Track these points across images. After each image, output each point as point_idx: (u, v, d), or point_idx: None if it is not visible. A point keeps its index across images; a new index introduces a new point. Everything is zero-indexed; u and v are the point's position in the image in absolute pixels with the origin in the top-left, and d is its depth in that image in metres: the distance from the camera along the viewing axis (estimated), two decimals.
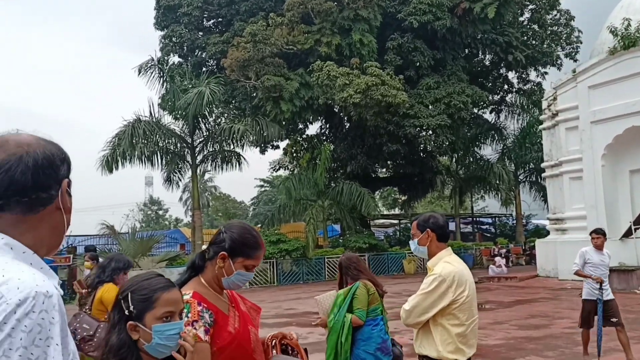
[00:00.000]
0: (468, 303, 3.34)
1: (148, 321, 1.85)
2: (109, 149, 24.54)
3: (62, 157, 1.39)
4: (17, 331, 1.15)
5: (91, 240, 25.39)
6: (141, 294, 1.88)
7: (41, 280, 1.24)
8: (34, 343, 1.16)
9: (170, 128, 26.02)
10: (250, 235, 2.40)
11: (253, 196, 66.63)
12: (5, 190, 1.29)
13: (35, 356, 1.15)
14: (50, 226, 1.37)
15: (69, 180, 1.40)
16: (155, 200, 69.01)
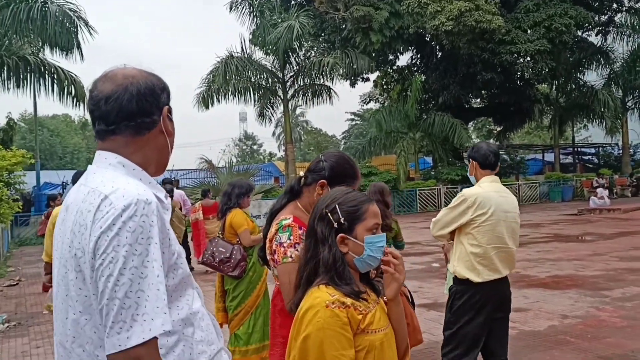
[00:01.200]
0: (489, 227, 3.47)
1: (359, 233, 1.83)
2: (204, 86, 25.39)
3: (161, 87, 1.59)
4: (123, 231, 1.36)
5: (191, 174, 26.76)
6: (350, 206, 1.85)
7: (142, 190, 1.44)
8: (137, 241, 1.37)
9: (262, 63, 26.38)
10: (348, 165, 2.52)
11: (344, 130, 66.89)
12: (116, 116, 1.51)
13: (139, 252, 1.36)
14: (155, 147, 1.59)
15: (169, 107, 1.59)
16: (249, 135, 71.02)
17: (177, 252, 1.51)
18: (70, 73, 19.91)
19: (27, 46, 19.91)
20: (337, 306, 1.71)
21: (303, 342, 1.71)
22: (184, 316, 1.51)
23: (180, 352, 1.47)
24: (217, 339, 1.64)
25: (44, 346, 6.59)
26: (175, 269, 1.51)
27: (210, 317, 1.66)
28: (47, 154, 48.18)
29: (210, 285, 9.45)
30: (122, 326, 1.32)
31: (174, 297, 1.49)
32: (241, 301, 5.30)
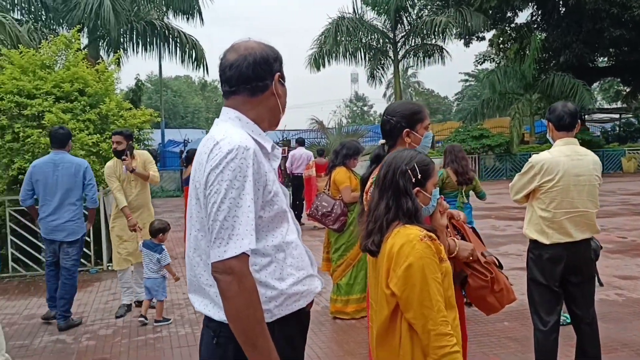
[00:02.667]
0: (557, 192, 3.48)
1: (428, 187, 2.26)
2: (316, 47, 25.74)
3: (274, 57, 1.96)
4: (226, 169, 1.73)
5: (302, 134, 27.44)
6: (424, 165, 2.26)
7: (245, 139, 1.80)
8: (236, 178, 1.72)
9: (373, 24, 26.21)
10: (410, 104, 2.82)
11: (457, 91, 64.95)
12: (236, 80, 1.90)
13: (237, 186, 1.71)
14: (267, 107, 1.96)
15: (280, 74, 1.95)
16: (360, 96, 71.00)
17: (274, 192, 1.85)
18: (191, 37, 21.04)
19: (153, 11, 21.21)
20: (428, 239, 2.09)
21: (406, 270, 2.05)
22: (277, 243, 1.86)
23: (272, 270, 1.84)
24: (309, 267, 1.98)
25: (169, 285, 7.38)
26: (271, 204, 1.85)
27: (305, 249, 2.01)
28: (170, 113, 51.26)
29: (318, 240, 9.93)
30: (221, 242, 1.70)
31: (270, 227, 1.85)
32: (343, 254, 5.65)
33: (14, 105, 8.09)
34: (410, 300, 2.05)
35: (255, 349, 1.71)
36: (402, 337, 2.11)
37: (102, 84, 8.99)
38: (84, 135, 8.16)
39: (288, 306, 1.87)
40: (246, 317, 1.70)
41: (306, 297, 1.94)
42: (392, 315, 2.13)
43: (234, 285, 1.68)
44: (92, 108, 8.73)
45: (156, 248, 5.76)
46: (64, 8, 17.27)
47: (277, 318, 1.84)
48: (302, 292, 1.91)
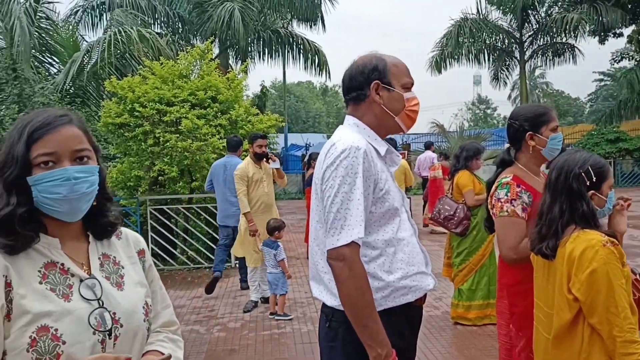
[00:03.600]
0: None
1: (604, 190, 2.26)
2: (437, 49, 25.38)
3: (373, 66, 2.10)
4: (340, 167, 1.94)
5: (423, 137, 27.16)
6: (599, 167, 2.24)
7: (357, 140, 1.99)
8: (348, 174, 1.92)
9: (498, 24, 25.36)
10: (536, 107, 2.78)
11: (590, 92, 60.85)
12: (345, 91, 2.16)
13: (348, 182, 1.91)
14: (373, 113, 2.12)
15: (378, 82, 2.08)
16: (483, 99, 68.81)
17: (385, 190, 2.01)
18: (314, 43, 21.60)
19: (278, 20, 22.06)
20: (610, 244, 2.09)
21: (590, 275, 2.06)
22: (387, 238, 2.01)
23: (381, 263, 1.99)
24: (422, 265, 2.10)
25: (292, 285, 7.67)
26: (383, 201, 2.00)
27: (421, 249, 2.15)
28: (293, 118, 52.89)
29: (438, 244, 9.83)
30: (334, 232, 1.91)
31: (381, 222, 2.01)
32: (465, 258, 5.56)
33: (155, 112, 8.82)
34: (595, 305, 2.06)
35: (365, 329, 1.88)
36: (585, 341, 2.13)
37: (232, 91, 9.53)
38: (216, 140, 8.71)
39: (395, 299, 1.99)
40: (355, 299, 1.87)
41: (415, 292, 2.04)
42: (574, 319, 2.15)
43: (345, 270, 1.88)
44: (223, 114, 9.29)
45: (273, 245, 6.12)
46: (199, 21, 18.48)
47: (384, 308, 1.97)
48: (410, 287, 2.02)
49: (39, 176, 1.34)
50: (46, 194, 1.34)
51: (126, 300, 1.44)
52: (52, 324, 1.30)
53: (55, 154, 1.35)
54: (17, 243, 1.32)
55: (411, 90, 2.13)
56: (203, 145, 8.60)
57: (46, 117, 1.38)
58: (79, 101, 12.46)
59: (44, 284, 1.34)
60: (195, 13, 18.61)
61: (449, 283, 6.24)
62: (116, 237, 1.57)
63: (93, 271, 1.43)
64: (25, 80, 11.12)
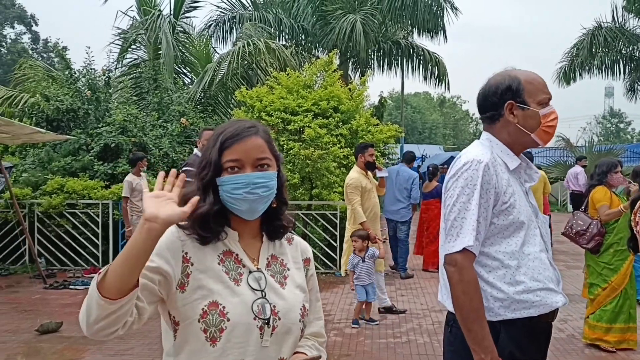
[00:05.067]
0: None
1: None
2: (566, 60, 24.11)
3: (506, 86, 2.13)
4: (461, 178, 2.04)
5: (546, 152, 25.90)
6: None
7: (481, 154, 2.07)
8: (467, 185, 2.02)
9: (636, 32, 23.63)
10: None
11: None
12: (479, 109, 2.23)
13: (467, 193, 2.01)
14: (507, 132, 2.16)
15: (512, 102, 2.12)
16: (615, 112, 64.27)
17: (510, 203, 2.05)
18: (435, 54, 21.38)
19: (399, 32, 22.10)
20: None
21: None
22: (509, 251, 2.04)
23: (502, 274, 2.03)
24: (550, 282, 2.09)
25: (407, 295, 7.65)
26: (507, 214, 2.04)
27: (552, 265, 2.14)
28: (409, 129, 52.50)
29: (562, 264, 9.36)
30: (450, 238, 2.02)
31: (504, 234, 2.06)
32: (606, 278, 5.30)
33: (280, 120, 9.20)
34: None
35: (470, 333, 1.95)
36: None
37: (353, 102, 9.73)
38: (337, 149, 8.92)
39: (515, 311, 2.02)
40: (462, 303, 1.96)
41: (538, 308, 2.04)
42: None
43: (456, 275, 1.98)
44: (344, 124, 9.50)
45: (367, 254, 6.20)
46: (321, 33, 18.97)
47: (503, 319, 2.01)
48: (533, 302, 2.03)
49: (225, 179, 1.53)
50: (230, 194, 1.53)
51: (286, 298, 1.58)
52: (222, 302, 1.48)
53: (240, 160, 1.54)
54: (208, 236, 1.54)
55: (549, 105, 2.13)
56: (324, 153, 8.83)
57: (236, 128, 1.58)
58: (210, 109, 13.28)
59: (221, 266, 1.54)
60: (318, 25, 19.14)
61: (578, 305, 5.93)
62: (288, 242, 1.72)
63: (261, 266, 1.60)
64: (165, 89, 12.04)
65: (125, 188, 8.21)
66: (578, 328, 6.04)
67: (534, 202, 2.21)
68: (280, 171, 1.63)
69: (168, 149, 10.79)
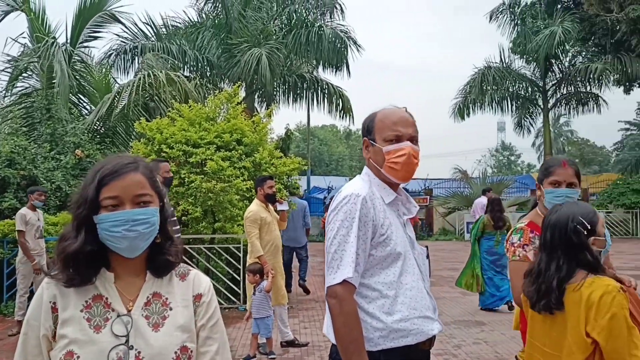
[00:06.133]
0: None
1: (600, 231, 2.34)
2: (460, 96, 25.61)
3: (365, 125, 2.28)
4: (340, 211, 2.12)
5: (445, 183, 27.17)
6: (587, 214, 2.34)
7: (359, 188, 2.15)
8: (346, 219, 2.09)
9: (521, 72, 25.58)
10: (550, 160, 2.86)
11: (616, 141, 60.29)
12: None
13: (346, 226, 2.08)
14: (372, 166, 2.25)
15: (366, 139, 2.28)
16: (507, 145, 68.61)
17: (387, 235, 2.12)
18: (339, 88, 21.99)
19: (304, 66, 22.56)
20: (623, 290, 2.20)
21: (610, 320, 2.14)
22: (388, 281, 2.11)
23: (381, 304, 2.08)
24: (427, 310, 2.17)
25: (310, 328, 7.65)
26: (384, 246, 2.11)
27: (428, 294, 2.23)
28: (316, 161, 53.29)
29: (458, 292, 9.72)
30: (331, 271, 2.07)
31: (383, 265, 2.12)
32: None
33: (182, 153, 9.04)
34: (617, 348, 2.14)
35: None
36: None
37: (257, 135, 9.75)
38: (239, 182, 8.87)
39: (394, 340, 2.07)
40: (343, 335, 2.01)
41: (415, 335, 2.10)
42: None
43: (337, 307, 2.03)
44: (248, 156, 9.48)
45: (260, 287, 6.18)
46: (227, 65, 19.00)
47: (382, 348, 2.06)
48: (410, 330, 2.09)
49: (103, 216, 1.50)
50: (109, 232, 1.49)
51: (158, 342, 1.51)
52: (77, 351, 1.44)
53: (119, 197, 1.51)
54: (77, 279, 1.49)
55: (400, 142, 2.17)
56: (227, 186, 8.75)
57: (115, 165, 1.55)
58: (108, 141, 12.83)
59: (84, 313, 1.48)
60: (223, 58, 19.16)
61: (472, 330, 6.17)
62: (181, 279, 1.65)
63: (135, 309, 1.53)
64: (59, 120, 11.50)
65: (18, 221, 7.65)
66: (471, 353, 6.29)
67: (412, 233, 2.29)
68: (164, 206, 1.60)
69: (61, 182, 10.27)
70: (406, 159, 2.16)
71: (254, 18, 19.14)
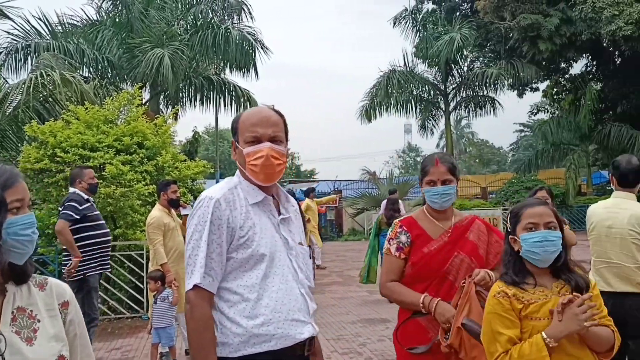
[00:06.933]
0: (593, 241, 3.64)
1: (518, 232, 2.27)
2: (367, 99, 26.20)
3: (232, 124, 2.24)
4: (195, 215, 2.08)
5: (354, 184, 27.68)
6: (512, 212, 2.35)
7: (215, 190, 2.11)
8: (199, 223, 2.05)
9: (424, 76, 26.56)
10: (425, 159, 2.93)
11: (512, 142, 64.12)
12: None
13: (199, 230, 2.04)
14: (239, 165, 2.22)
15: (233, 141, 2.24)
16: (413, 147, 71.01)
17: (248, 237, 2.07)
18: (247, 90, 21.84)
19: (211, 67, 22.21)
20: (501, 296, 2.20)
21: (484, 320, 2.27)
22: (249, 284, 2.03)
23: (242, 308, 2.01)
24: (295, 312, 2.07)
25: None
26: (245, 248, 2.05)
27: (303, 296, 2.13)
28: (226, 164, 52.59)
29: None
30: (188, 276, 2.05)
31: (245, 268, 2.06)
32: None
33: (78, 157, 8.61)
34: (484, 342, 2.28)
35: None
36: None
37: (159, 137, 9.47)
38: (141, 186, 8.57)
39: (255, 345, 1.99)
40: (192, 340, 1.98)
41: (279, 340, 2.01)
42: None
43: (189, 312, 2.00)
44: (150, 160, 9.19)
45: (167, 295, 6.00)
46: (128, 66, 18.33)
47: (243, 354, 1.98)
48: (273, 334, 2.01)
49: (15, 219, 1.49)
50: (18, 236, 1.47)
51: (36, 356, 1.45)
52: None
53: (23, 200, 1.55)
54: None
55: (258, 143, 2.12)
56: (127, 191, 8.44)
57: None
58: None
59: None
60: (125, 58, 18.47)
61: (377, 327, 6.28)
62: (40, 288, 1.57)
63: (3, 325, 1.44)
64: None
65: None
66: (376, 350, 6.42)
67: (289, 234, 2.21)
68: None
69: None
70: (264, 161, 2.10)
71: (157, 18, 18.62)
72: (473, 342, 2.44)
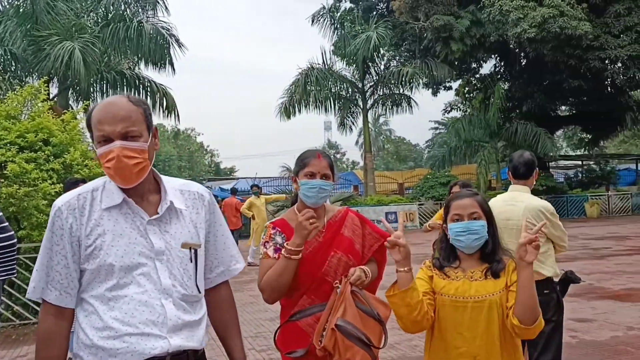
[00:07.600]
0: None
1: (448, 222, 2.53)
2: (286, 96, 26.22)
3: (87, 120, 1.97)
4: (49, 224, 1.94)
5: (273, 181, 27.65)
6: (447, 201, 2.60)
7: (62, 198, 1.96)
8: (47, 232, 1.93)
9: (342, 74, 26.90)
10: (304, 152, 2.78)
11: (428, 139, 66.28)
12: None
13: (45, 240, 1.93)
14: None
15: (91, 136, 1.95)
16: (333, 144, 71.82)
17: (95, 246, 1.88)
18: (162, 85, 21.30)
19: (124, 62, 21.48)
20: (427, 267, 2.55)
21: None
22: (97, 294, 1.88)
23: (93, 319, 1.88)
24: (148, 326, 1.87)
25: None
26: (94, 258, 1.87)
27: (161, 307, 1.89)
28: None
29: None
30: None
31: (96, 279, 1.90)
32: None
33: None
34: None
35: None
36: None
37: (67, 134, 9.04)
38: (47, 185, 8.16)
39: (102, 359, 1.85)
40: (37, 357, 1.91)
41: (125, 355, 1.84)
42: None
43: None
44: (57, 158, 8.75)
45: None
46: (34, 59, 17.40)
47: None
48: (118, 349, 1.84)
49: None
50: None
51: None
52: None
53: None
54: None
55: (109, 143, 1.87)
56: (32, 190, 8.00)
57: None
58: None
59: None
60: (30, 51, 17.54)
61: None
62: None
63: None
64: None
65: None
66: None
67: (163, 236, 1.96)
68: None
69: None
70: (115, 162, 1.85)
71: (65, 9, 17.78)
72: (347, 344, 2.39)
